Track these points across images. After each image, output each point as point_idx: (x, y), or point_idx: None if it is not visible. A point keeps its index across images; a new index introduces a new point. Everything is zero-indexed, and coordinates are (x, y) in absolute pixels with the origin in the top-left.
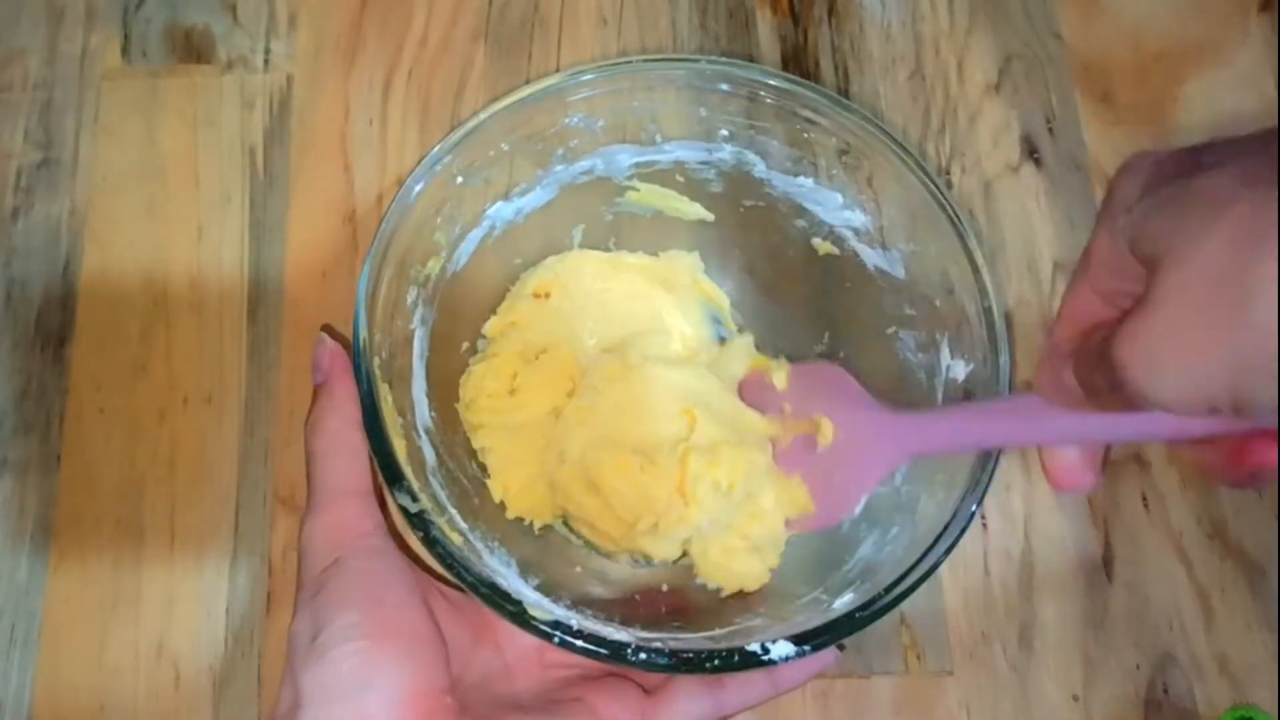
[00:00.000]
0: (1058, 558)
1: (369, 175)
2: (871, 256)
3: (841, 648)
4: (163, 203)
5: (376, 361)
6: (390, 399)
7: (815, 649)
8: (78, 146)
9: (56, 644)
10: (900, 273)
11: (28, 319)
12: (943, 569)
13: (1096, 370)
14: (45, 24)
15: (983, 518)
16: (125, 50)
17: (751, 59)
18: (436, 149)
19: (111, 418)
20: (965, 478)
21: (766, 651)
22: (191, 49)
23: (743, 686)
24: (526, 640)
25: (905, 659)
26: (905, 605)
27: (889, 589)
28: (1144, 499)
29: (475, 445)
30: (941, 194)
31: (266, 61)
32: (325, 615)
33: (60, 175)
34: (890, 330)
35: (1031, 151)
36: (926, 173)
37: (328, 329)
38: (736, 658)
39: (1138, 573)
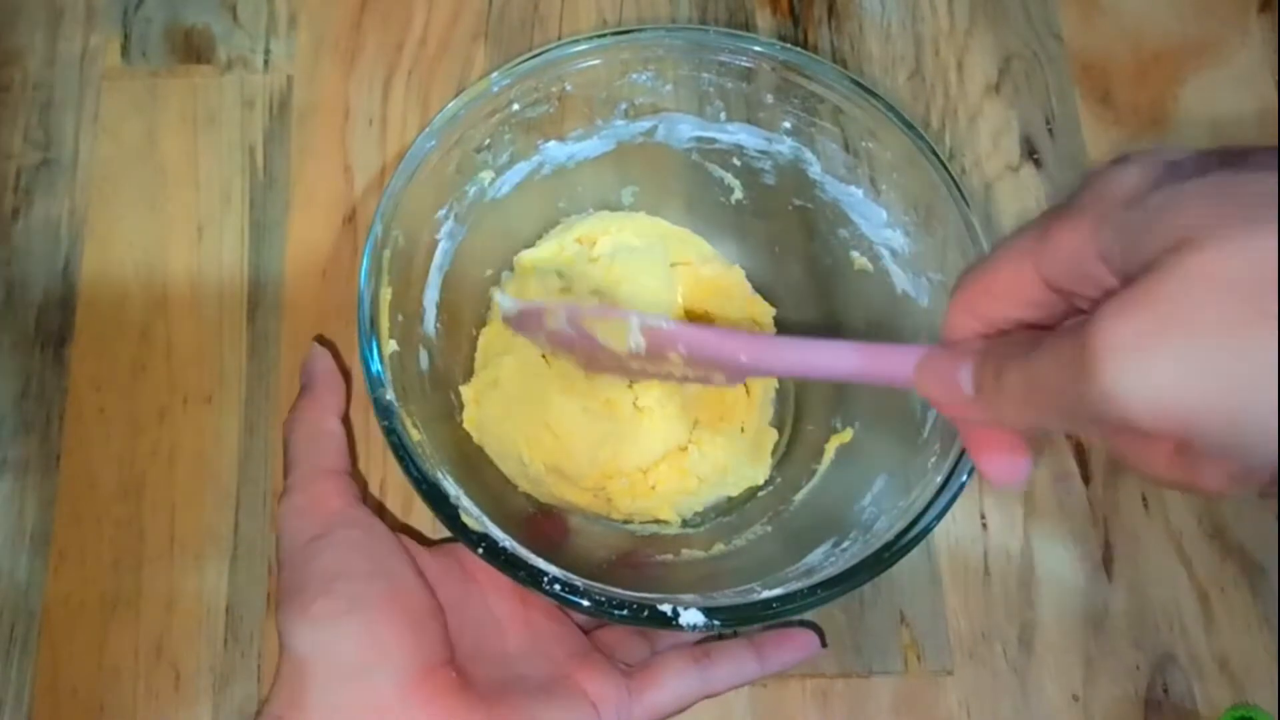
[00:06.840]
0: (1058, 558)
1: (369, 176)
2: (901, 280)
3: (824, 645)
4: (163, 203)
5: (387, 254)
6: (390, 294)
7: (725, 624)
8: (78, 146)
9: (56, 644)
10: (924, 301)
11: (27, 319)
12: (943, 569)
13: (1022, 364)
14: (45, 24)
15: (982, 517)
16: (125, 50)
17: None
18: (496, 73)
19: (111, 418)
20: (924, 502)
21: (677, 615)
22: (191, 49)
23: (730, 665)
24: (508, 592)
25: (905, 659)
26: (905, 605)
27: (813, 588)
28: (1144, 499)
29: (480, 370)
30: (977, 229)
31: (266, 62)
32: (320, 585)
33: (60, 175)
34: None
35: (1031, 152)
36: (965, 201)
37: (320, 339)
38: (646, 613)
39: (1138, 573)
